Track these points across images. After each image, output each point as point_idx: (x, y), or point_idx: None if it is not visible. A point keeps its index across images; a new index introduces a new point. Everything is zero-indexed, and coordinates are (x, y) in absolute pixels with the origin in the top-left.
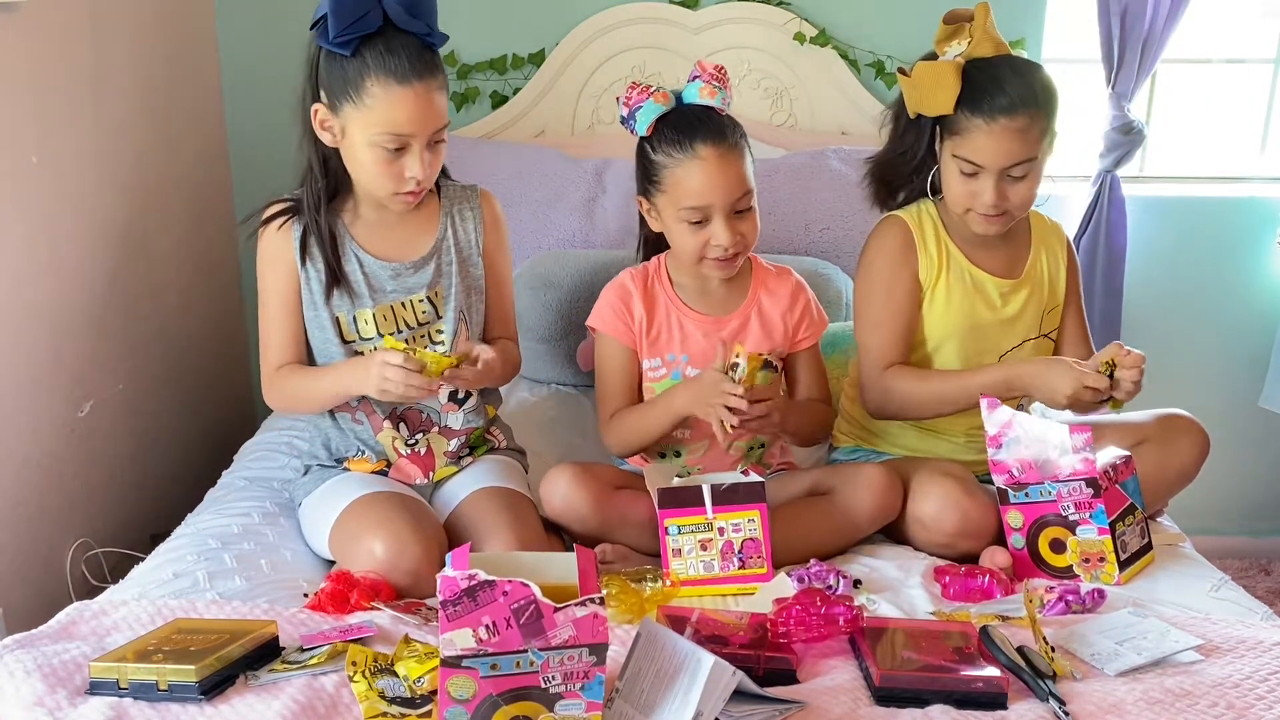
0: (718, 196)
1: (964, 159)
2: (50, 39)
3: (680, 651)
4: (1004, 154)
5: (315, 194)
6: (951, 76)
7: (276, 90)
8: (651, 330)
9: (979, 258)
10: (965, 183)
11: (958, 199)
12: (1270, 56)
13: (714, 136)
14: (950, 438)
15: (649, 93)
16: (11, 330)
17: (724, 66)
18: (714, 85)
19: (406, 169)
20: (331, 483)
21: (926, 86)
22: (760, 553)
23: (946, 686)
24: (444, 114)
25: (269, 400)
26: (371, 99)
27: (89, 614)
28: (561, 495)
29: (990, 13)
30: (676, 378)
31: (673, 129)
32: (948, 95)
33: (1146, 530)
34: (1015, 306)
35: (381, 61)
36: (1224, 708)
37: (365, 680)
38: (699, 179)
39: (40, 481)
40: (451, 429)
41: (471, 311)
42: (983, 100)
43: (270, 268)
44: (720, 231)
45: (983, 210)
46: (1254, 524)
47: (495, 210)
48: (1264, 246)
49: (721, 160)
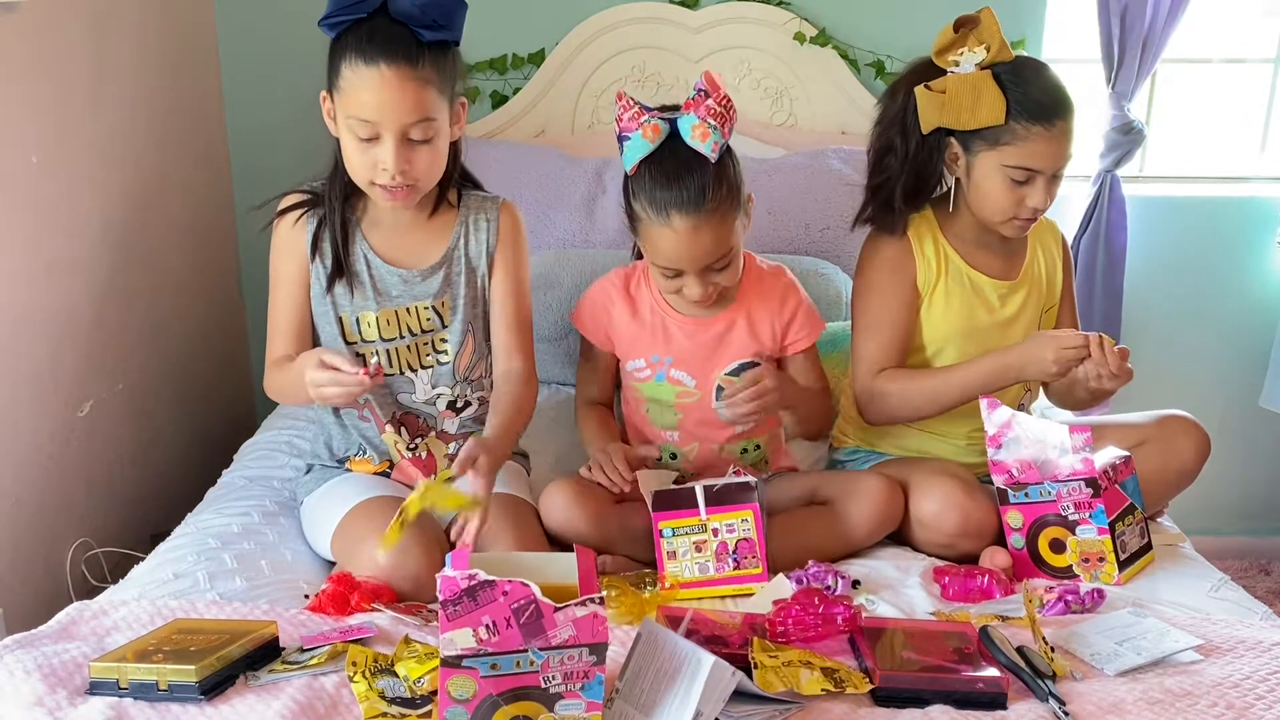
0: (688, 264)
1: (1020, 167)
2: (50, 39)
3: (680, 652)
4: (1062, 156)
5: (339, 187)
6: (992, 86)
7: (276, 90)
8: (633, 331)
9: (977, 260)
10: (1013, 191)
11: (1003, 208)
12: (1270, 56)
13: (691, 206)
14: (951, 440)
15: (640, 121)
16: (11, 330)
17: (729, 98)
18: (709, 125)
19: (379, 159)
20: (334, 483)
21: (967, 100)
22: (755, 553)
23: (946, 686)
24: (424, 109)
25: (266, 389)
26: (345, 81)
27: (89, 614)
28: (560, 514)
29: (995, 18)
30: (660, 379)
31: (653, 181)
32: (996, 106)
33: (1146, 530)
34: (1014, 308)
35: (355, 43)
36: (1224, 708)
37: (365, 680)
38: (668, 246)
39: (40, 481)
40: (448, 433)
41: (478, 324)
42: (1038, 108)
43: (281, 258)
44: (692, 287)
45: (1028, 216)
46: (1254, 524)
47: (514, 221)
48: (1264, 246)
49: (695, 232)
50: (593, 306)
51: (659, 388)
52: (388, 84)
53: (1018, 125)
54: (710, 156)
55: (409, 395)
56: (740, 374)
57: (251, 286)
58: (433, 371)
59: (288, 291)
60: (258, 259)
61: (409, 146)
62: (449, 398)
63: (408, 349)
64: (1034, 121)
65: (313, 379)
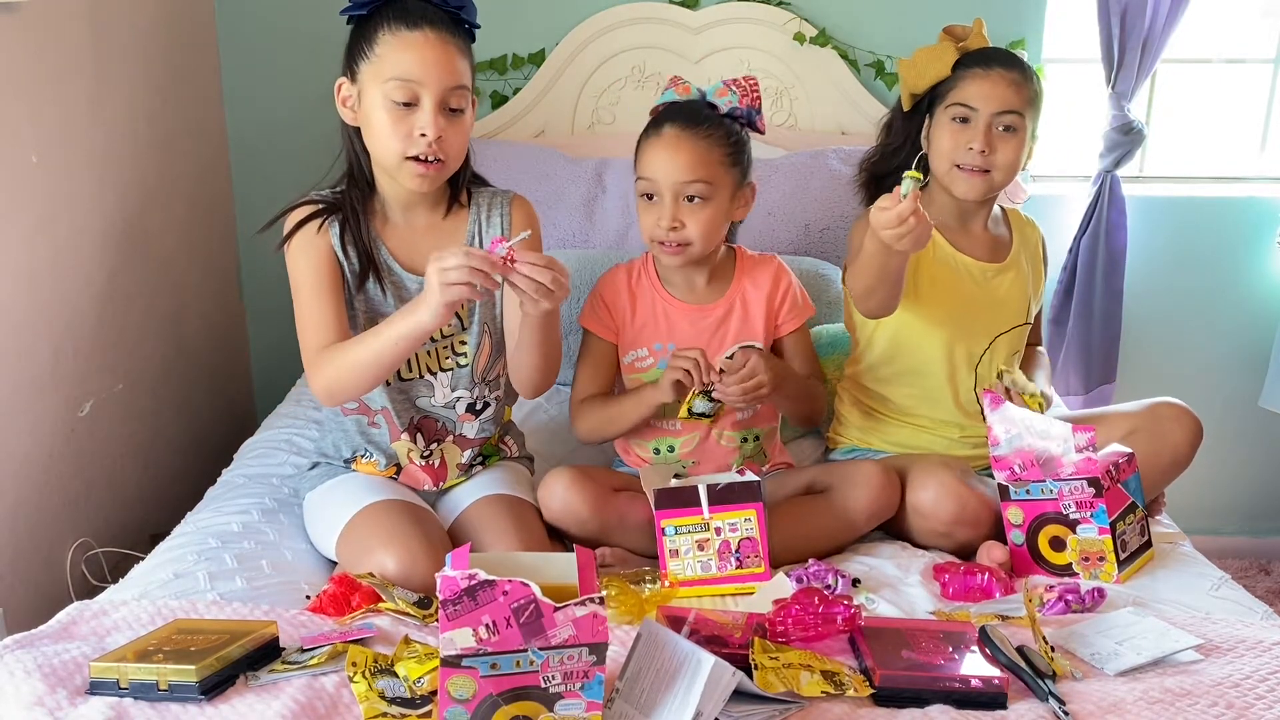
0: (663, 174)
1: (958, 104)
2: (50, 39)
3: (680, 652)
4: (997, 98)
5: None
6: (950, 51)
7: (276, 90)
8: (636, 320)
9: (962, 243)
10: (956, 133)
11: (946, 154)
12: (1270, 56)
13: (685, 121)
14: (944, 434)
15: (678, 84)
16: (11, 330)
17: (755, 81)
18: (730, 91)
19: (416, 125)
20: (338, 480)
21: (924, 59)
22: (757, 552)
23: (946, 686)
24: (461, 74)
25: (315, 387)
26: (382, 46)
27: (89, 614)
28: (560, 498)
29: (984, 26)
30: (664, 366)
31: (666, 110)
32: (946, 60)
33: (1146, 528)
34: (1003, 288)
35: (394, 14)
36: (1224, 707)
37: (365, 680)
38: (654, 153)
39: (40, 481)
40: (466, 438)
41: (494, 324)
42: (979, 57)
43: (310, 263)
44: (664, 213)
45: (969, 160)
46: (1254, 524)
47: (527, 214)
48: (1264, 246)
49: (678, 141)
50: (595, 301)
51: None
52: (431, 45)
53: (959, 72)
54: (721, 106)
55: (428, 399)
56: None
57: (252, 287)
58: (452, 374)
59: (317, 282)
60: (258, 259)
61: (445, 116)
62: (468, 400)
63: (427, 353)
64: (971, 65)
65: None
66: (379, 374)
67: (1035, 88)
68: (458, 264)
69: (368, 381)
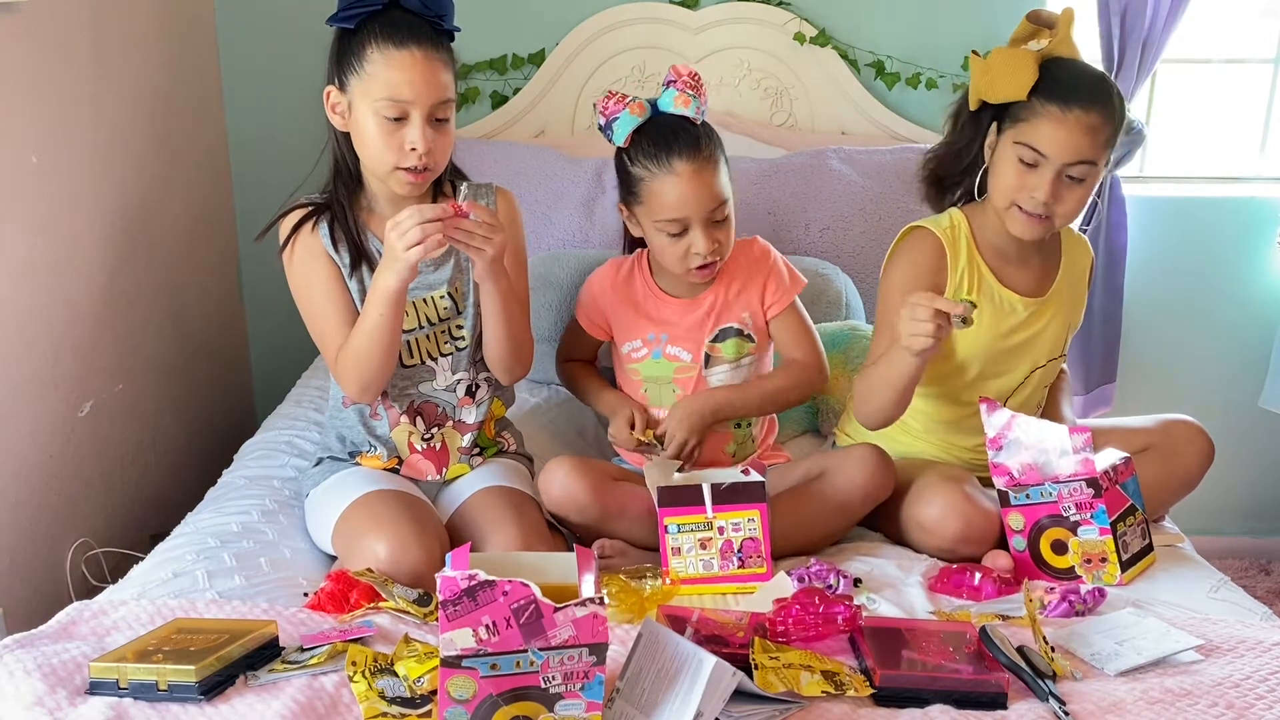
0: (693, 210)
1: (1028, 146)
2: (50, 39)
3: (681, 652)
4: (1071, 148)
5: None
6: (1030, 63)
7: (277, 90)
8: (629, 315)
9: (1008, 276)
10: (1021, 174)
11: (1006, 191)
12: (1270, 56)
13: (689, 151)
14: (960, 457)
15: (625, 103)
16: (11, 330)
17: (698, 73)
18: (688, 94)
19: (406, 140)
20: (340, 475)
21: (1000, 70)
22: (760, 552)
23: (946, 686)
24: (446, 88)
25: (350, 390)
26: (372, 65)
27: (89, 614)
28: (560, 483)
29: (1073, 23)
30: (657, 356)
31: (649, 141)
32: (1023, 80)
33: (1147, 531)
34: (1040, 324)
35: (382, 30)
36: (1224, 708)
37: (365, 680)
38: (674, 193)
39: (40, 481)
40: (465, 423)
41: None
42: (1061, 90)
43: (310, 267)
44: (699, 240)
45: (1030, 207)
46: (1254, 524)
47: (510, 207)
48: (1264, 246)
49: (696, 175)
50: (584, 299)
51: (656, 365)
52: (419, 64)
53: (1035, 101)
54: (694, 118)
55: (430, 384)
56: (724, 340)
57: (252, 286)
58: (452, 358)
59: (325, 290)
60: (258, 259)
61: (432, 126)
62: (468, 382)
63: (427, 338)
64: (1050, 100)
65: (393, 222)
66: (385, 351)
67: (1116, 124)
68: (412, 222)
69: (379, 361)
